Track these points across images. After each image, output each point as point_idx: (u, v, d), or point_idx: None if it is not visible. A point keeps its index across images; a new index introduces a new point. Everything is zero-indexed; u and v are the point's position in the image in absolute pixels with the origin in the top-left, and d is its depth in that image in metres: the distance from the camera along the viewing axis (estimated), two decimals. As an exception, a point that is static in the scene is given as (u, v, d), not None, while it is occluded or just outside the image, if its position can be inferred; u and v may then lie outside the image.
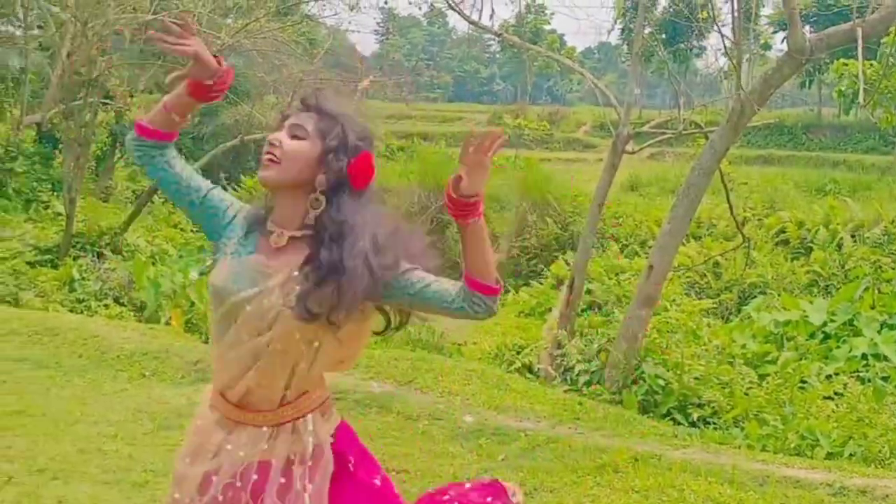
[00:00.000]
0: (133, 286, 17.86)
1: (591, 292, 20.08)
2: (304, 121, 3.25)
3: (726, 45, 13.82)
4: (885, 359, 15.12)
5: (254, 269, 3.23)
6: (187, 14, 2.79)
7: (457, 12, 17.02)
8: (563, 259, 24.95)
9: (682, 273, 21.62)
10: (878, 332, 15.99)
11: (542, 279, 24.85)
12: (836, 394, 12.90)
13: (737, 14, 14.01)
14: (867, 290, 17.86)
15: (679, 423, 11.67)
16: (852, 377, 13.91)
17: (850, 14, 12.15)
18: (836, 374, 14.23)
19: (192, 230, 24.98)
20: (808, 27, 47.02)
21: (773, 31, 63.39)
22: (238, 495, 3.23)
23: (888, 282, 20.05)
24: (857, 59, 11.94)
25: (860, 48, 11.39)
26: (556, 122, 64.17)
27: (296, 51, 25.45)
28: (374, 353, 10.82)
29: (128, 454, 7.69)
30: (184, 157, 3.70)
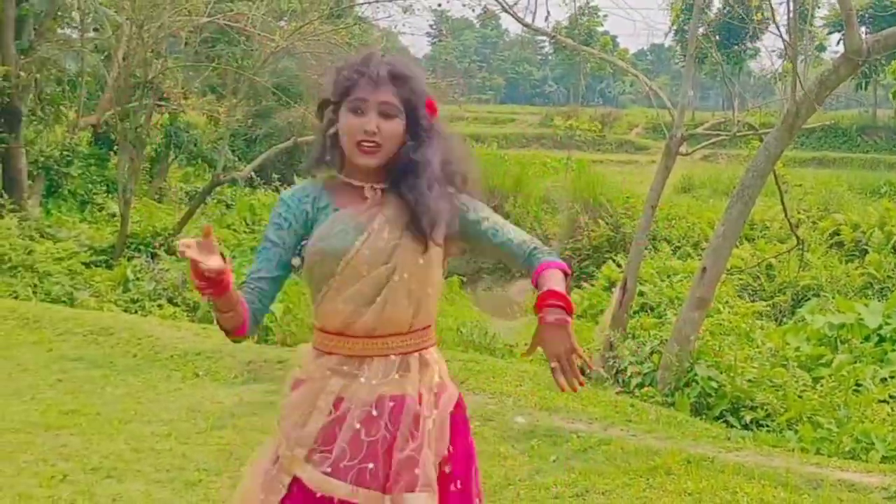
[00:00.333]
0: (186, 286, 17.96)
1: (643, 294, 19.98)
2: (388, 96, 3.29)
3: (784, 46, 13.74)
4: (942, 362, 14.96)
5: (351, 220, 3.35)
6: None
7: (510, 14, 17.01)
8: (614, 261, 24.86)
9: (736, 275, 21.48)
10: (935, 335, 15.84)
11: (594, 281, 24.77)
12: (891, 397, 12.78)
13: (792, 15, 13.91)
14: (923, 292, 17.69)
15: (732, 426, 11.59)
16: (908, 381, 13.78)
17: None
18: (892, 378, 14.07)
19: (244, 231, 25.11)
20: (864, 28, 46.60)
21: (829, 33, 62.96)
22: (377, 423, 3.28)
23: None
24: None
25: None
26: (608, 124, 64.11)
27: (349, 53, 25.50)
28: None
29: (181, 453, 7.74)
30: (237, 159, 3.73)
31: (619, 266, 23.19)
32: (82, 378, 10.36)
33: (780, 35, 14.08)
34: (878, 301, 18.95)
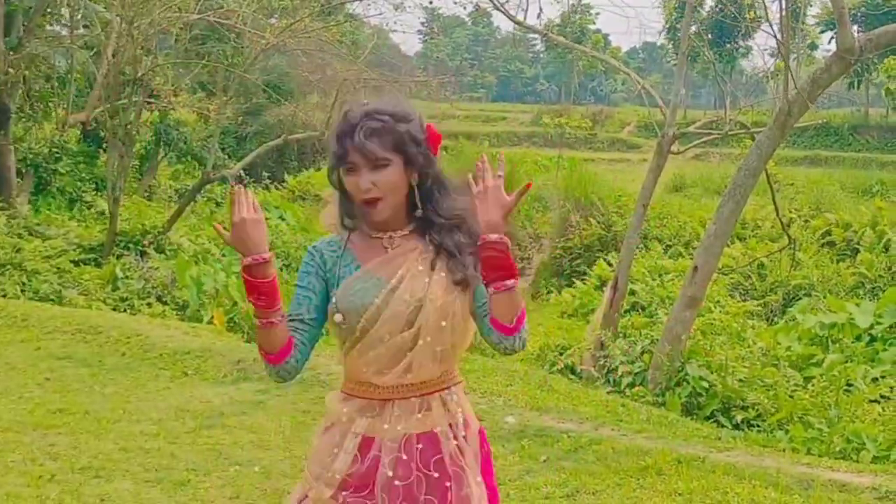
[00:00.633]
0: (176, 285, 17.94)
1: (634, 293, 20.00)
2: (375, 148, 3.24)
3: (777, 44, 13.72)
4: (933, 362, 14.96)
5: (369, 279, 3.32)
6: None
7: (502, 12, 17.00)
8: (606, 260, 24.86)
9: (727, 274, 21.49)
10: (926, 335, 15.84)
11: (586, 280, 24.77)
12: (882, 397, 12.78)
13: (784, 13, 13.90)
14: (914, 292, 17.66)
15: (723, 426, 11.58)
16: (899, 380, 13.77)
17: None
18: (883, 377, 14.08)
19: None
20: (857, 27, 46.69)
21: (821, 31, 63.07)
22: (408, 466, 3.27)
23: (936, 284, 19.86)
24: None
25: (909, 48, 11.26)
26: (600, 123, 64.10)
27: (339, 50, 25.46)
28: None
29: (170, 453, 7.70)
30: (227, 156, 3.74)
31: (610, 265, 23.20)
32: (70, 377, 10.31)
33: (772, 33, 14.07)
34: (870, 301, 18.95)
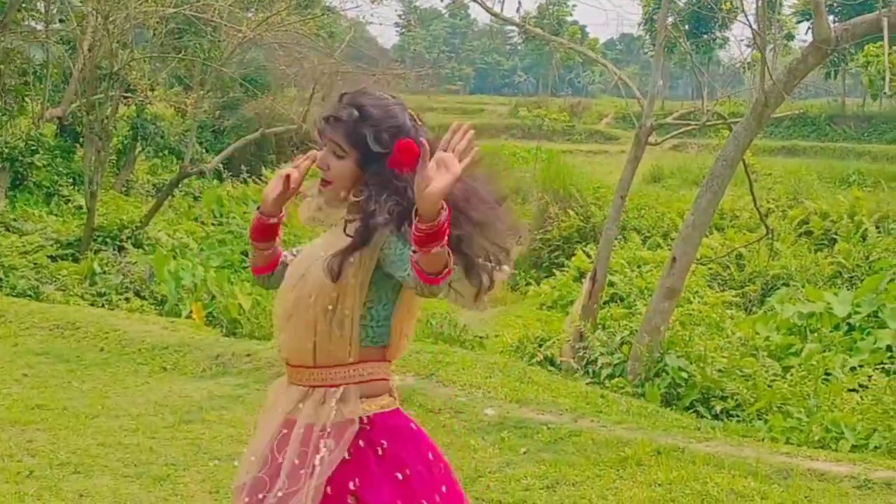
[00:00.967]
0: (154, 280, 17.90)
1: (613, 284, 20.00)
2: (340, 136, 3.35)
3: (753, 35, 13.74)
4: (910, 350, 15.01)
5: (309, 252, 3.54)
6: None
7: (479, 4, 17.00)
8: (584, 251, 24.87)
9: (705, 265, 21.53)
10: (903, 324, 15.88)
11: (564, 271, 24.79)
12: (860, 386, 12.80)
13: (760, 4, 13.92)
14: (892, 281, 17.70)
15: (702, 416, 11.62)
16: (877, 369, 13.77)
17: (875, 4, 12.05)
18: (861, 366, 14.11)
19: (212, 223, 24.99)
20: (833, 17, 46.76)
21: (797, 21, 63.21)
22: (271, 447, 3.43)
23: (913, 273, 19.90)
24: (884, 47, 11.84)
25: (886, 38, 11.29)
26: (577, 114, 64.20)
27: (317, 43, 25.42)
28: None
29: (149, 447, 7.68)
30: (204, 150, 3.88)
31: (588, 256, 23.21)
32: (48, 373, 10.29)
33: (748, 24, 14.09)
34: (848, 290, 19.00)
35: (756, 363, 13.27)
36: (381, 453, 3.40)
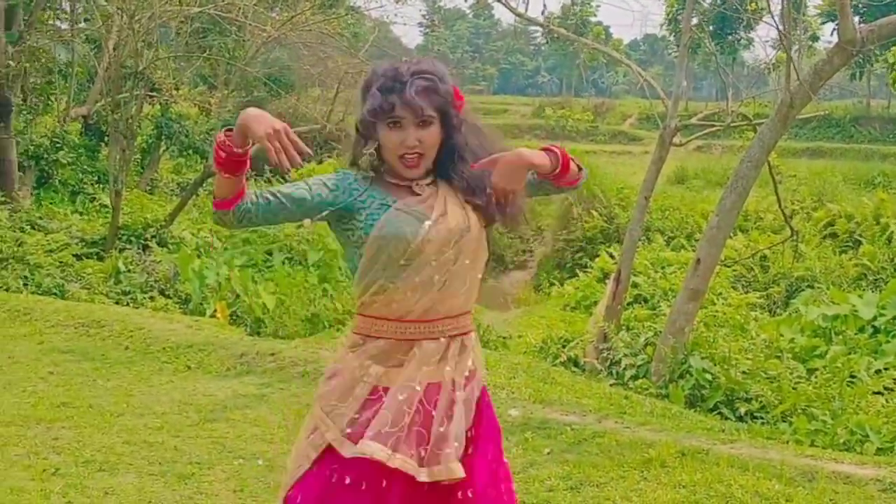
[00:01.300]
0: (178, 278, 17.93)
1: (637, 286, 19.98)
2: (426, 104, 3.45)
3: (779, 36, 13.69)
4: (936, 353, 14.93)
5: (411, 211, 3.50)
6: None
7: (503, 4, 16.97)
8: (608, 252, 24.84)
9: (730, 266, 21.48)
10: (929, 327, 15.83)
11: (588, 272, 24.76)
12: (885, 388, 12.77)
13: (786, 5, 13.87)
14: (917, 283, 17.63)
15: (726, 418, 11.57)
16: (902, 372, 13.75)
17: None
18: (886, 369, 14.06)
19: (236, 222, 25.01)
20: (858, 18, 46.59)
21: (822, 22, 62.96)
22: (418, 398, 3.46)
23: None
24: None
25: (912, 39, 11.23)
26: (601, 115, 64.08)
27: (341, 43, 25.43)
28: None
29: (173, 446, 7.71)
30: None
31: (612, 257, 23.18)
32: (74, 371, 10.32)
33: (774, 25, 14.03)
34: (872, 292, 18.91)
35: (780, 365, 13.22)
36: (485, 402, 3.71)
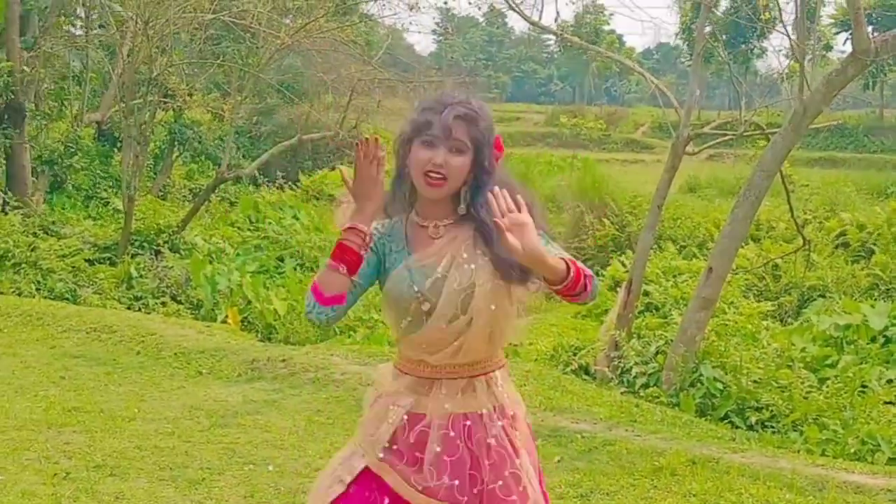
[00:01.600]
0: (190, 284, 17.96)
1: (648, 294, 19.92)
2: (464, 133, 3.48)
3: (791, 46, 13.67)
4: (948, 364, 14.88)
5: (419, 268, 3.52)
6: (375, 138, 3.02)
7: (517, 12, 16.96)
8: (619, 260, 24.79)
9: (741, 275, 21.42)
10: (941, 337, 15.77)
11: (599, 280, 24.65)
12: (897, 398, 12.74)
13: (799, 14, 13.87)
14: (930, 294, 17.60)
15: (737, 427, 11.56)
16: (914, 382, 13.72)
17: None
18: (898, 379, 14.04)
19: (248, 229, 25.03)
20: (872, 27, 46.55)
21: (836, 32, 62.90)
22: (454, 444, 3.50)
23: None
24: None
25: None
26: (614, 123, 64.04)
27: (354, 50, 25.46)
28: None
29: (184, 451, 7.73)
30: (241, 156, 3.84)
31: (624, 266, 23.13)
32: (85, 375, 10.35)
33: (786, 34, 14.02)
34: (885, 302, 18.84)
35: (792, 374, 13.19)
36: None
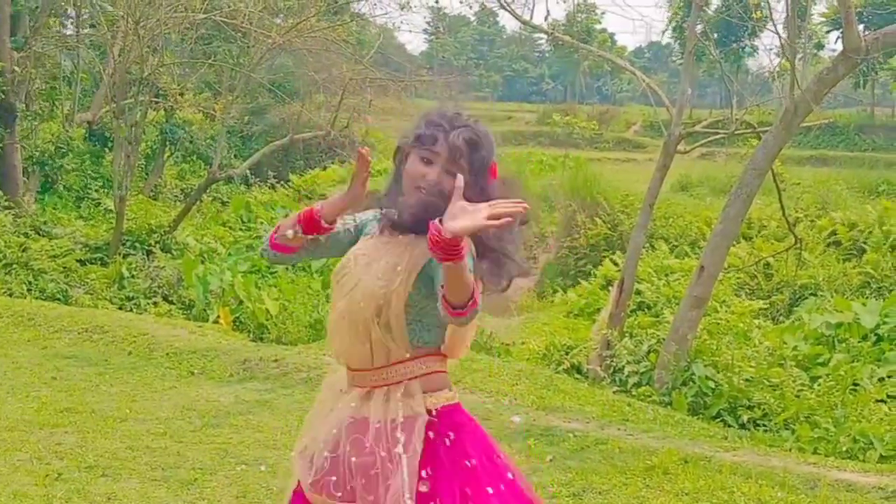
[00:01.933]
0: (182, 284, 17.95)
1: (640, 293, 19.93)
2: (462, 158, 3.46)
3: (782, 44, 13.70)
4: (939, 361, 14.91)
5: (360, 256, 3.59)
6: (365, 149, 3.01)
7: (508, 11, 16.98)
8: (611, 259, 24.82)
9: (733, 274, 21.44)
10: (932, 335, 15.79)
11: (591, 279, 24.72)
12: (888, 396, 12.77)
13: (790, 13, 13.88)
14: (921, 291, 17.62)
15: (729, 425, 11.59)
16: (905, 380, 13.74)
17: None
18: (889, 377, 14.04)
19: (240, 229, 25.03)
20: (863, 26, 46.58)
21: (827, 31, 62.91)
22: (343, 447, 3.51)
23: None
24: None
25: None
26: (605, 122, 63.99)
27: (345, 50, 25.44)
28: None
29: (176, 451, 7.71)
30: (232, 156, 3.86)
31: (616, 265, 23.16)
32: (77, 376, 10.33)
33: (777, 33, 14.04)
34: (876, 300, 18.86)
35: (783, 373, 13.22)
36: (448, 444, 3.55)
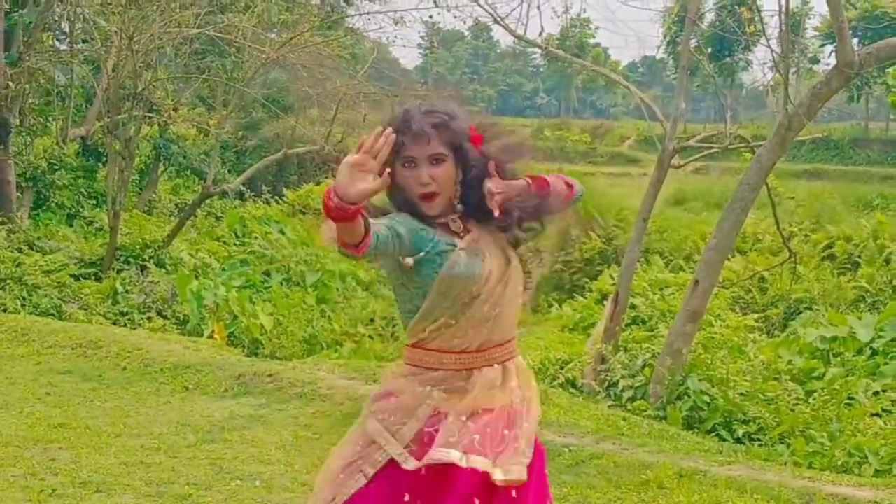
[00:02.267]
0: (176, 299, 17.94)
1: (635, 307, 19.93)
2: (437, 142, 3.58)
3: (775, 59, 13.72)
4: (934, 375, 14.90)
5: (475, 251, 3.65)
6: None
7: (502, 26, 17.01)
8: (607, 273, 24.82)
9: (728, 288, 21.45)
10: (927, 349, 15.78)
11: (586, 294, 24.73)
12: (884, 410, 12.75)
13: (783, 28, 13.91)
14: (915, 305, 17.59)
15: (724, 440, 11.58)
16: (900, 394, 13.73)
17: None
18: (884, 391, 14.02)
19: (234, 244, 25.01)
20: (856, 40, 46.67)
21: (821, 45, 63.06)
22: (497, 427, 3.60)
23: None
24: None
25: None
26: (599, 137, 64.10)
27: (340, 65, 25.46)
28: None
29: (171, 467, 7.70)
30: (226, 171, 3.82)
31: (611, 279, 23.15)
32: (71, 391, 10.31)
33: (772, 49, 14.06)
34: (871, 314, 18.84)
35: (778, 387, 13.21)
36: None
